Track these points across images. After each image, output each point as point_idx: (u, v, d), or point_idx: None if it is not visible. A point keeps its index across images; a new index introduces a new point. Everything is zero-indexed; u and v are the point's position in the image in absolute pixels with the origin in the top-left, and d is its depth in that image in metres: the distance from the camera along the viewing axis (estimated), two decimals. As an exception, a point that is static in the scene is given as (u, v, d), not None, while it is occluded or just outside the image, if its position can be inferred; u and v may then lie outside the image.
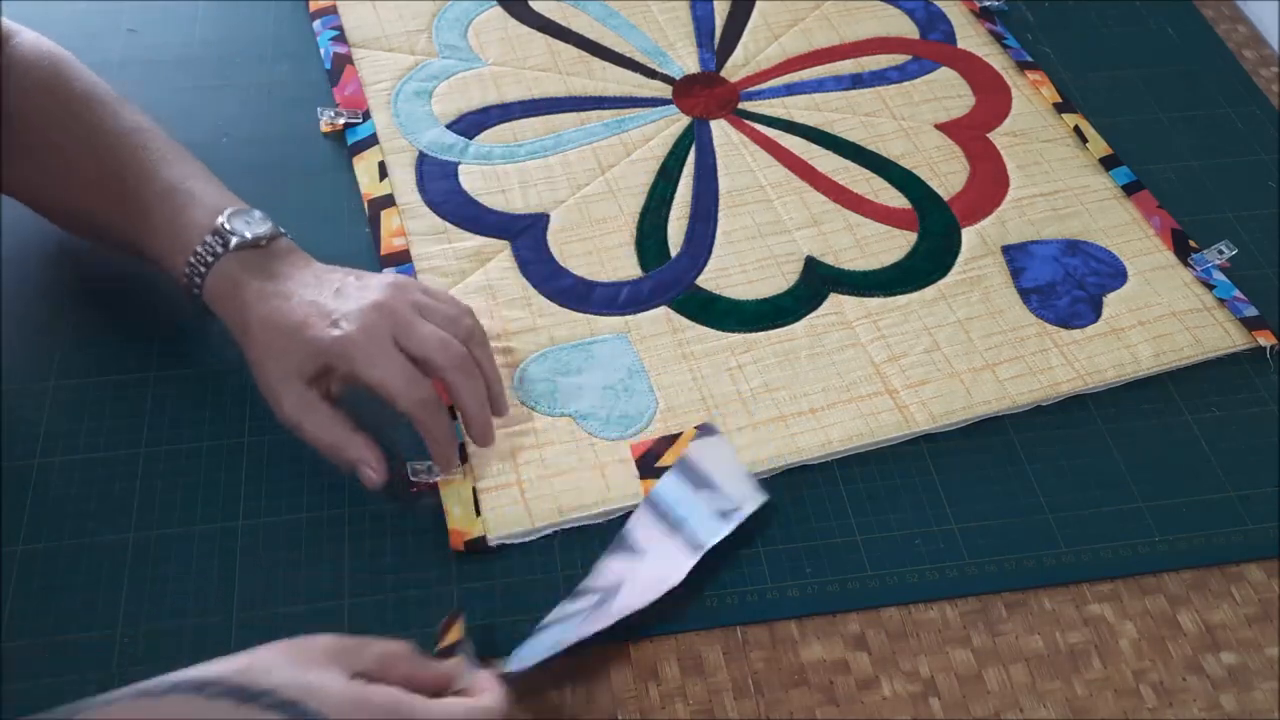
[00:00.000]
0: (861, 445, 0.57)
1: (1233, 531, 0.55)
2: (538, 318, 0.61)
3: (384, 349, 0.50)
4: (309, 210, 0.66)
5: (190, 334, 0.60)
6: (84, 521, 0.53)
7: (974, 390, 0.59)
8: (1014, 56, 0.77)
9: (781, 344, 0.60)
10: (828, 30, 0.79)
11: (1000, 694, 0.49)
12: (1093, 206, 0.68)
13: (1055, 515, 0.55)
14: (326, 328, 0.50)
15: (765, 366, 0.59)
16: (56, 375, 0.58)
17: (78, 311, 0.60)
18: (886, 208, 0.68)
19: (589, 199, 0.67)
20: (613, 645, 0.50)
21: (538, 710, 0.48)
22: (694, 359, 0.59)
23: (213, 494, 0.54)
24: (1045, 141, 0.72)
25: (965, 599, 0.52)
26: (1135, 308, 0.63)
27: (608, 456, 0.55)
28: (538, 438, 0.56)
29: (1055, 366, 0.60)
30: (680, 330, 0.61)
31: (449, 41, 0.76)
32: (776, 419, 0.57)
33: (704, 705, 0.49)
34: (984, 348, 0.61)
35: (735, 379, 0.59)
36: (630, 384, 0.58)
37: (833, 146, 0.71)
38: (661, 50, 0.77)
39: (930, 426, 0.57)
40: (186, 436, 0.56)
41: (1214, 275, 0.64)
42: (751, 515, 0.54)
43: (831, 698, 0.49)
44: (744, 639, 0.51)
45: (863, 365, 0.59)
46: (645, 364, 0.59)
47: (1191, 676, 0.50)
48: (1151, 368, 0.60)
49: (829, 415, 0.57)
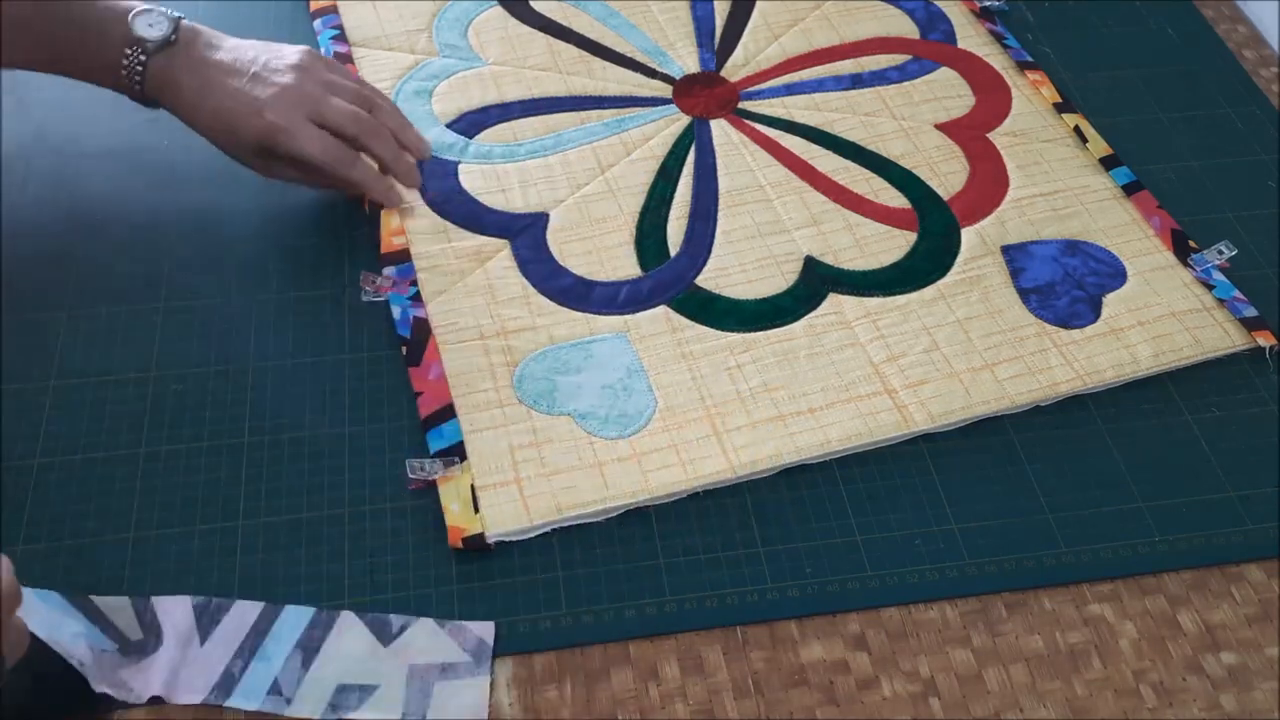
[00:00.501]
0: (860, 445, 0.56)
1: (1233, 531, 0.55)
2: (537, 317, 0.61)
3: (304, 128, 0.60)
4: (307, 210, 0.66)
5: (190, 335, 0.60)
6: (84, 521, 0.53)
7: (973, 390, 0.59)
8: (1014, 56, 0.77)
9: (780, 344, 0.60)
10: (828, 30, 0.79)
11: (1000, 694, 0.49)
12: (1092, 207, 0.68)
13: (1055, 515, 0.55)
14: (252, 119, 0.60)
15: (764, 366, 0.59)
16: (56, 375, 0.58)
17: (78, 311, 0.60)
18: (886, 208, 0.68)
19: (589, 198, 0.67)
20: (613, 645, 0.50)
21: (538, 710, 0.48)
22: (693, 358, 0.59)
23: (213, 494, 0.54)
24: (1045, 141, 0.72)
25: (965, 599, 0.52)
26: (1135, 308, 0.63)
27: (606, 455, 0.55)
28: (536, 436, 0.56)
29: (1054, 366, 0.60)
30: (679, 330, 0.61)
31: (449, 41, 0.76)
32: (775, 418, 0.57)
33: (704, 705, 0.49)
34: (983, 348, 0.60)
35: (734, 378, 0.59)
36: (629, 383, 0.58)
37: (833, 146, 0.71)
38: (662, 50, 0.77)
39: (929, 426, 0.57)
40: (186, 436, 0.56)
41: (1214, 275, 0.64)
42: (752, 515, 0.54)
43: (831, 698, 0.49)
44: (744, 639, 0.51)
45: (862, 365, 0.59)
46: (644, 363, 0.59)
47: (1191, 676, 0.50)
48: (1151, 368, 0.60)
49: (828, 415, 0.57)
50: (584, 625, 0.50)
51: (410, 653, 0.49)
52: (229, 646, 0.49)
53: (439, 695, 0.48)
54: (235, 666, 0.48)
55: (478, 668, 0.48)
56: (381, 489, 0.54)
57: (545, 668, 0.49)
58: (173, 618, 0.49)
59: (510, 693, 0.48)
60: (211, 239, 0.64)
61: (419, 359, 0.59)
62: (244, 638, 0.49)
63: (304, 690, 0.48)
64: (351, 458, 0.55)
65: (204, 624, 0.49)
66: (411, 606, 0.50)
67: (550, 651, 0.50)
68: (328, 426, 0.56)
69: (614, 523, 0.54)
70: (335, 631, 0.49)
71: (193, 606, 0.49)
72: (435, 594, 0.51)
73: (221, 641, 0.49)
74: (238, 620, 0.49)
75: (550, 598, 0.51)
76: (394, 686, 0.48)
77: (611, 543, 0.53)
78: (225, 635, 0.49)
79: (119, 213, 0.65)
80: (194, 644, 0.49)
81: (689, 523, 0.54)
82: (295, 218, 0.66)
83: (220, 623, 0.49)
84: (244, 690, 0.47)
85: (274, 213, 0.66)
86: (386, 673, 0.48)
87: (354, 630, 0.49)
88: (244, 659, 0.48)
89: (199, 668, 0.48)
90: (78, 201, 0.66)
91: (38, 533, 0.52)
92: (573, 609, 0.51)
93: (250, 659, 0.48)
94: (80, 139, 0.69)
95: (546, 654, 0.50)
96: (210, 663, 0.48)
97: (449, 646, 0.49)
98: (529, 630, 0.50)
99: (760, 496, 0.55)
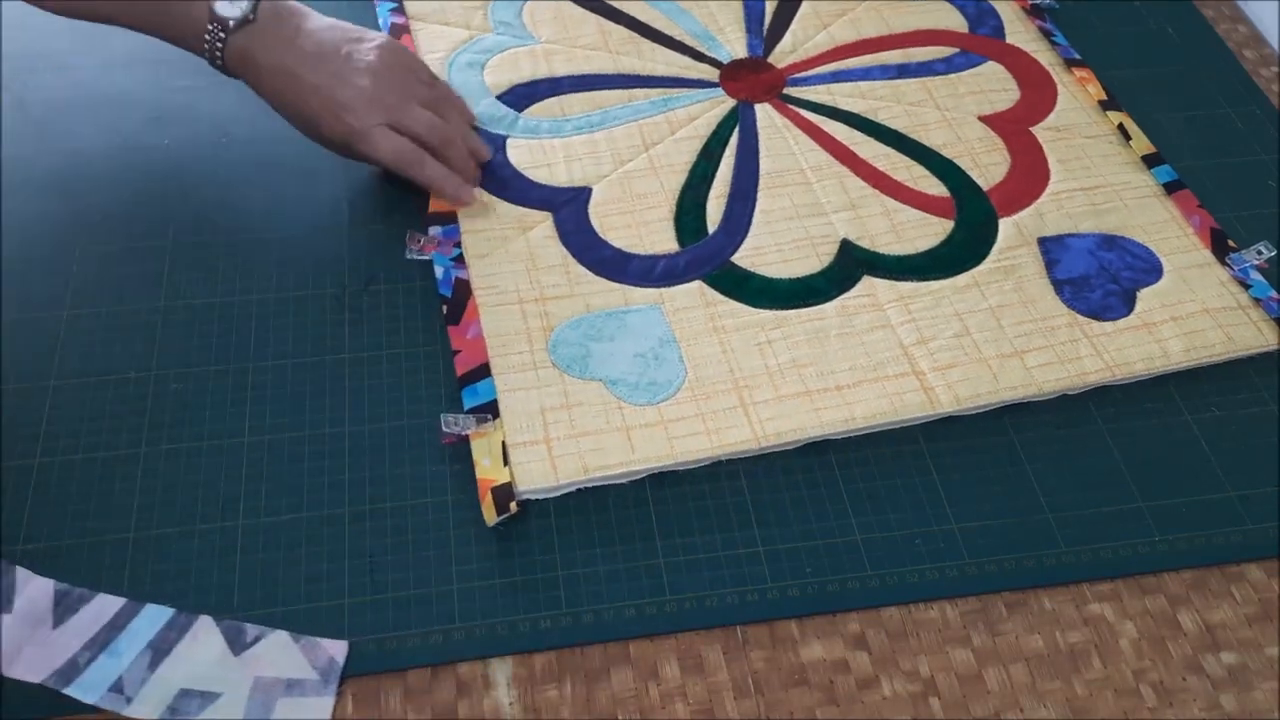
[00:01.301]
0: (885, 423, 0.57)
1: (1233, 531, 0.55)
2: (575, 285, 0.62)
3: (382, 136, 0.62)
4: (308, 210, 0.66)
5: (190, 335, 0.60)
6: (84, 521, 0.53)
7: (1001, 376, 0.59)
8: (1062, 54, 0.78)
9: (812, 323, 0.61)
10: (877, 22, 0.80)
11: (1000, 694, 0.49)
12: (1132, 203, 0.68)
13: (1055, 515, 0.55)
14: (334, 121, 0.62)
15: (795, 343, 0.60)
16: (56, 375, 0.58)
17: (78, 311, 0.60)
18: (925, 195, 0.68)
19: (631, 174, 0.68)
20: (613, 645, 0.50)
21: (538, 710, 0.48)
22: (724, 333, 0.60)
23: (213, 494, 0.54)
24: (1088, 138, 0.72)
25: (965, 599, 0.52)
26: (1169, 303, 0.63)
27: (635, 420, 0.56)
28: (568, 399, 0.57)
29: (1084, 357, 0.60)
30: (713, 305, 0.62)
31: (504, 19, 0.78)
32: (802, 394, 0.57)
33: (704, 705, 0.49)
34: (1014, 335, 0.61)
35: (764, 354, 0.59)
36: (661, 353, 0.59)
37: (875, 134, 0.72)
38: (711, 35, 0.78)
39: (954, 409, 0.58)
40: (186, 436, 0.56)
41: (1251, 275, 0.64)
42: (752, 515, 0.54)
43: (831, 698, 0.49)
44: (744, 639, 0.51)
45: (891, 347, 0.60)
46: (676, 335, 0.60)
47: (1191, 676, 0.50)
48: (1181, 363, 0.60)
49: (854, 393, 0.58)
50: (584, 625, 0.50)
51: (260, 664, 0.48)
52: (81, 636, 0.48)
53: (281, 709, 0.47)
54: (82, 657, 0.48)
55: (324, 687, 0.48)
56: (382, 489, 0.54)
57: (545, 668, 0.49)
58: (30, 593, 0.49)
59: (510, 692, 0.48)
60: (211, 239, 0.64)
61: (459, 318, 0.60)
62: (98, 630, 0.48)
63: (146, 690, 0.47)
64: (352, 457, 0.55)
65: (60, 610, 0.49)
66: (411, 606, 0.50)
67: (550, 651, 0.50)
68: (328, 426, 0.56)
69: (614, 522, 0.54)
70: (190, 635, 0.49)
71: (54, 590, 0.49)
72: (435, 593, 0.51)
73: (74, 630, 0.48)
74: (96, 612, 0.49)
75: (550, 598, 0.51)
76: (237, 696, 0.47)
77: (611, 543, 0.53)
78: (80, 625, 0.48)
79: (119, 212, 0.65)
80: (45, 626, 0.48)
81: (689, 523, 0.54)
82: (296, 218, 0.66)
83: (78, 612, 0.49)
84: (85, 683, 0.47)
85: (275, 212, 0.66)
86: (233, 681, 0.48)
87: (209, 635, 0.49)
88: (92, 651, 0.48)
89: (45, 650, 0.48)
90: (78, 201, 0.66)
91: (38, 533, 0.52)
92: (573, 609, 0.51)
93: (99, 652, 0.48)
94: (80, 139, 0.69)
95: (546, 654, 0.50)
96: (57, 648, 0.48)
97: (299, 662, 0.48)
98: (529, 630, 0.50)
99: (760, 497, 0.55)
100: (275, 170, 0.68)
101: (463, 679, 0.49)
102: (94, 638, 0.48)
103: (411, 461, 0.55)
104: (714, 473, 0.55)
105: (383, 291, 0.62)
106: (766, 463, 0.56)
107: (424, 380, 0.58)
